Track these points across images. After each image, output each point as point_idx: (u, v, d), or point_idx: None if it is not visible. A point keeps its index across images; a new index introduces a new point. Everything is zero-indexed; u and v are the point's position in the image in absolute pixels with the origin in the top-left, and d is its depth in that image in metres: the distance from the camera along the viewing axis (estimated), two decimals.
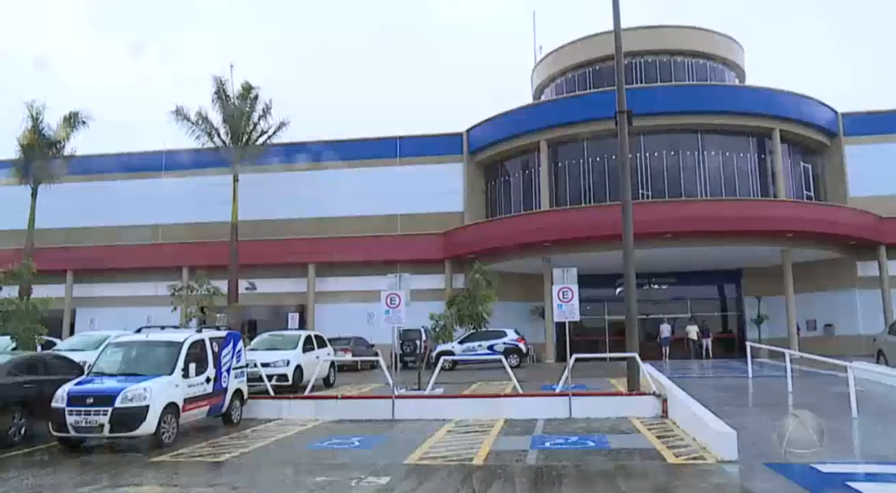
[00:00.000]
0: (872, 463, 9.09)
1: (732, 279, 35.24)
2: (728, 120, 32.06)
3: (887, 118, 34.42)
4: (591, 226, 28.69)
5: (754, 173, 33.23)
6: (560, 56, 39.67)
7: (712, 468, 8.72)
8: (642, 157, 32.44)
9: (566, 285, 15.20)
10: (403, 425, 13.15)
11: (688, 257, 31.08)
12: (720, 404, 14.04)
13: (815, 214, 30.79)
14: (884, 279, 31.89)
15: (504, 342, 27.09)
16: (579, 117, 32.28)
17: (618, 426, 12.25)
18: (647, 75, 36.73)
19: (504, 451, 10.23)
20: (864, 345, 26.32)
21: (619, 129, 16.00)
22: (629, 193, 16.03)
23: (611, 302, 32.73)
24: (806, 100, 33.41)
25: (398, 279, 17.04)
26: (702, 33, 37.96)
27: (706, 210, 29.61)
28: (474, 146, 36.86)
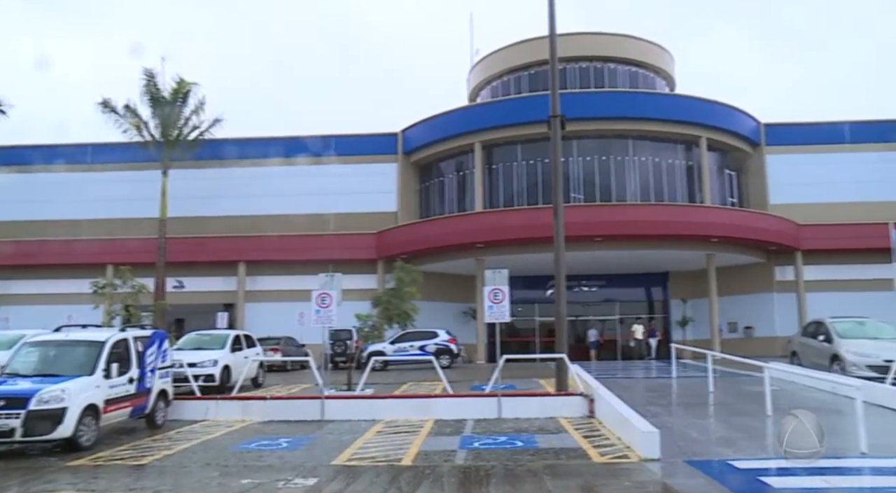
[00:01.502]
0: (784, 458, 9.47)
1: (659, 282, 36.19)
2: (658, 127, 32.88)
3: (805, 130, 35.91)
4: (524, 228, 29.05)
5: (682, 179, 34.19)
6: (496, 59, 40.02)
7: (635, 467, 8.93)
8: (575, 161, 33.02)
9: (497, 286, 15.35)
10: (333, 425, 13.04)
11: (617, 260, 31.78)
12: (645, 403, 14.41)
13: (739, 220, 31.85)
14: (799, 284, 33.28)
15: (435, 343, 27.16)
16: (514, 120, 32.63)
17: (546, 426, 12.41)
18: (582, 81, 37.37)
19: (433, 451, 10.26)
20: (781, 346, 27.36)
21: (552, 133, 16.23)
22: (561, 196, 16.27)
23: (542, 304, 33.21)
24: (731, 110, 34.55)
25: (330, 279, 16.92)
26: (635, 42, 38.84)
27: (636, 214, 30.34)
28: (409, 147, 36.88)
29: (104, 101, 30.40)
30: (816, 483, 7.86)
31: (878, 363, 16.42)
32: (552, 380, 16.37)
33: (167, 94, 30.83)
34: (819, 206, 34.09)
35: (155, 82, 30.66)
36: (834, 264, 33.25)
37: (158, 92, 30.69)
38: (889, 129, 35.55)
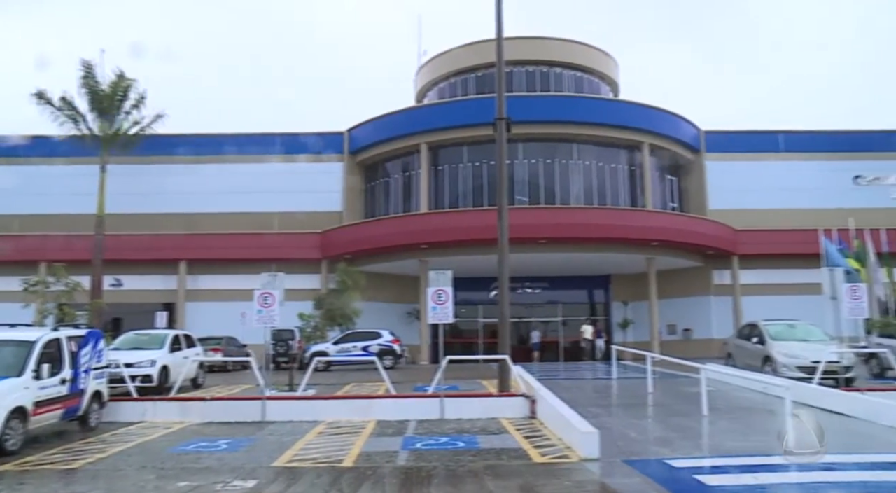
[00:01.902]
0: (717, 457, 9.74)
1: (602, 285, 36.75)
2: (602, 132, 33.39)
3: (742, 138, 36.92)
4: (469, 229, 29.17)
5: (625, 184, 34.78)
6: (443, 61, 40.10)
7: (575, 466, 9.04)
8: (520, 163, 33.31)
9: (441, 287, 15.39)
10: (274, 427, 12.88)
11: (561, 263, 32.15)
12: (586, 404, 14.60)
13: (679, 224, 32.55)
14: (735, 287, 34.20)
15: (379, 344, 27.06)
16: (460, 122, 32.74)
17: (488, 427, 12.48)
18: (528, 84, 37.71)
19: (375, 452, 10.22)
20: (717, 348, 28.05)
21: (497, 135, 16.34)
22: (505, 198, 16.39)
23: (485, 305, 33.40)
24: (673, 117, 35.30)
25: (272, 278, 16.72)
26: (581, 47, 39.36)
27: (579, 217, 30.74)
28: (355, 146, 36.70)
29: (39, 92, 29.39)
30: (747, 480, 8.08)
31: (807, 364, 17.01)
32: (495, 381, 16.47)
33: (106, 87, 30.00)
34: (755, 212, 35.07)
35: (93, 75, 29.79)
36: (768, 269, 34.24)
37: (97, 85, 29.82)
38: (820, 139, 36.81)
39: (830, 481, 8.20)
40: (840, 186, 35.90)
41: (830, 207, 33.72)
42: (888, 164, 36.41)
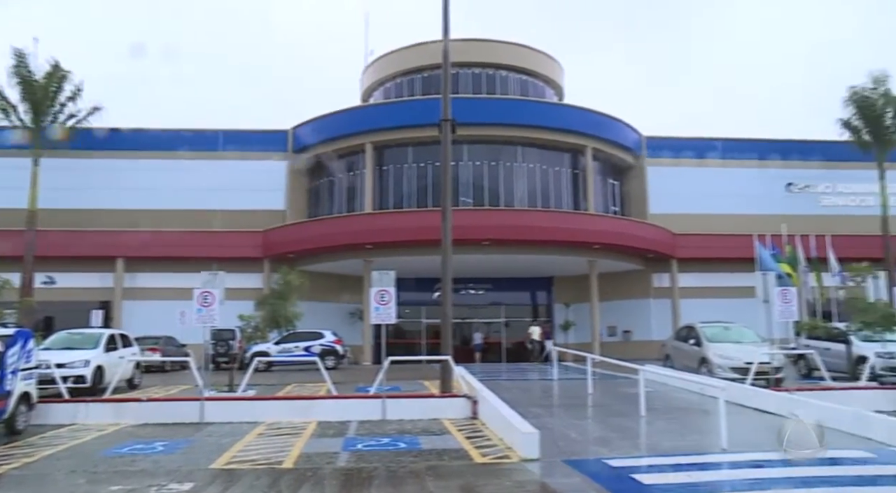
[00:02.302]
0: (654, 456, 9.94)
1: (544, 287, 37.15)
2: (546, 135, 33.73)
3: (682, 143, 37.72)
4: (413, 230, 29.16)
5: (568, 187, 35.22)
6: (390, 61, 39.99)
7: (515, 467, 9.11)
8: (465, 165, 33.45)
9: (384, 287, 15.34)
10: (212, 428, 12.65)
11: (504, 264, 32.38)
12: (527, 405, 14.72)
13: (620, 228, 33.12)
14: (674, 290, 34.97)
15: (321, 344, 26.85)
16: (405, 122, 32.69)
17: (430, 428, 12.48)
18: (474, 86, 37.88)
19: (315, 453, 10.12)
20: (656, 349, 28.59)
21: (442, 136, 16.37)
22: (449, 199, 16.43)
23: (429, 305, 33.41)
24: (616, 122, 35.89)
25: (213, 277, 16.43)
26: (527, 51, 39.72)
27: (523, 219, 31.01)
28: (299, 145, 36.31)
29: None
30: (681, 479, 8.26)
31: (740, 366, 17.50)
32: (437, 382, 16.49)
33: (40, 77, 29.04)
34: (693, 216, 35.91)
35: (26, 64, 28.80)
36: (705, 272, 35.10)
37: (30, 75, 28.85)
38: (755, 147, 37.89)
39: (759, 477, 8.45)
40: (774, 193, 37.04)
41: (764, 213, 34.76)
42: (818, 172, 37.71)
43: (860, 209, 36.69)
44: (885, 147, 32.37)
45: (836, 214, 36.90)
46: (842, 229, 33.49)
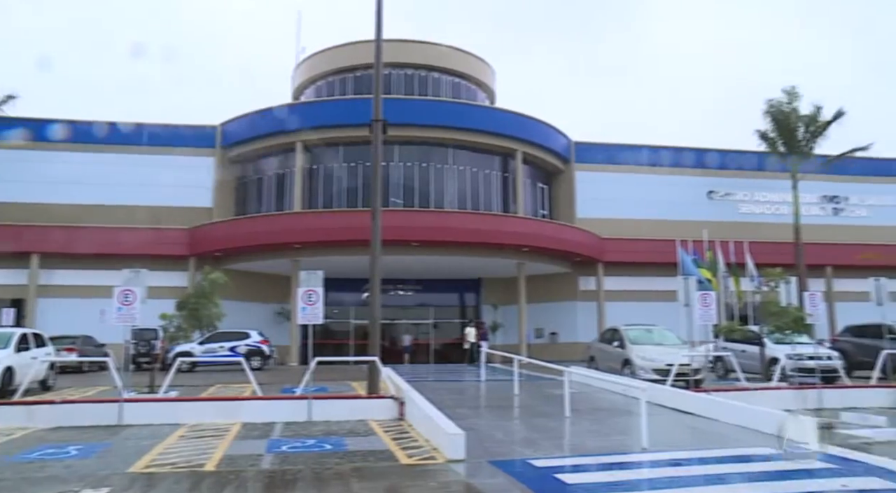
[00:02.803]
0: (577, 456, 10.12)
1: (473, 288, 37.40)
2: (478, 138, 33.99)
3: (610, 150, 38.60)
4: (342, 230, 28.97)
5: (498, 190, 35.56)
6: (322, 59, 39.62)
7: (441, 468, 9.14)
8: (396, 166, 33.41)
9: (311, 287, 15.16)
10: (131, 430, 12.26)
11: (433, 265, 32.47)
12: (454, 406, 14.78)
13: (548, 231, 33.60)
14: (600, 293, 35.69)
15: (247, 344, 26.39)
16: (337, 122, 32.44)
17: (356, 429, 12.41)
18: (406, 87, 37.87)
19: (239, 455, 9.93)
20: (582, 351, 29.13)
21: (373, 136, 16.32)
22: (379, 200, 16.38)
23: (357, 306, 33.23)
24: (546, 126, 36.42)
25: (135, 275, 15.95)
26: (460, 54, 39.94)
27: (453, 221, 31.15)
28: (228, 141, 35.60)
29: None
30: (604, 478, 8.43)
31: (662, 367, 18.00)
32: (365, 383, 16.40)
33: None
34: (620, 221, 36.73)
35: None
36: (630, 276, 35.96)
37: None
38: (680, 155, 39.02)
39: (678, 475, 8.70)
40: (696, 200, 38.23)
41: (687, 219, 35.78)
42: (738, 181, 39.10)
43: (775, 217, 38.20)
44: (799, 159, 33.83)
45: (754, 221, 38.33)
46: (758, 236, 34.79)
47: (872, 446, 10.77)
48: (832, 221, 39.76)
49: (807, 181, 35.16)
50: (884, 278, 18.71)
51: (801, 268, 31.75)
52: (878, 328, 19.64)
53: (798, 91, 33.71)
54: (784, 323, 18.78)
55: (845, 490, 7.91)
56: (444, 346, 36.43)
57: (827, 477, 8.60)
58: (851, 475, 8.62)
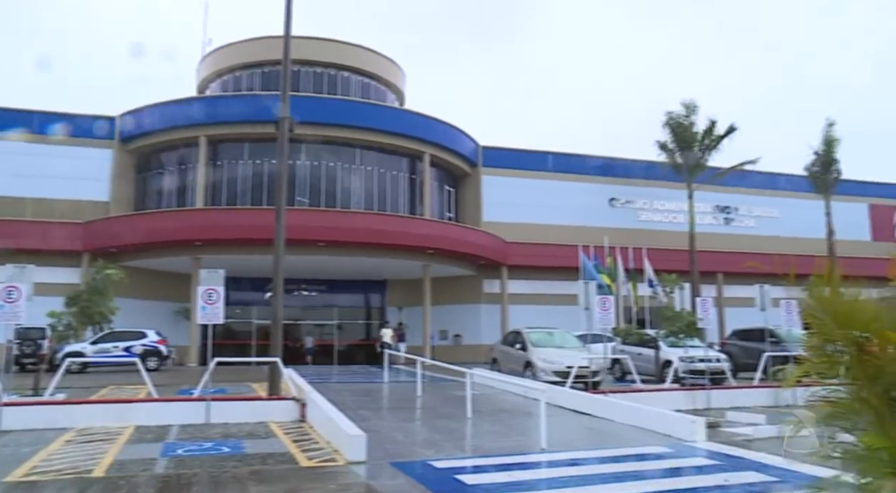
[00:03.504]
0: (478, 457, 10.27)
1: (378, 290, 37.30)
2: (386, 139, 33.92)
3: (516, 155, 39.24)
4: (245, 228, 28.37)
5: (405, 192, 35.59)
6: (230, 53, 38.69)
7: (341, 470, 9.09)
8: (303, 164, 32.99)
9: (212, 286, 14.78)
10: (12, 436, 11.61)
11: (339, 266, 32.19)
12: (356, 408, 14.73)
13: (454, 234, 33.84)
14: (504, 296, 36.23)
15: (143, 344, 25.46)
16: (243, 117, 31.75)
17: (255, 431, 12.20)
18: (315, 85, 37.43)
19: (130, 460, 9.57)
20: (485, 353, 29.51)
21: (279, 134, 16.08)
22: (284, 198, 16.16)
23: (260, 306, 32.58)
24: (454, 130, 36.68)
25: (20, 270, 15.13)
26: (370, 54, 39.77)
27: (359, 222, 30.98)
28: (128, 133, 34.18)
29: None
30: (503, 478, 8.59)
31: (562, 369, 18.45)
32: (266, 384, 16.11)
33: None
34: (524, 226, 37.38)
35: None
36: (534, 280, 36.66)
37: None
38: (583, 162, 40.07)
39: (575, 475, 8.96)
40: (598, 207, 39.35)
41: (590, 226, 36.81)
42: (638, 189, 40.50)
43: (672, 225, 39.74)
44: (694, 170, 35.35)
45: (652, 228, 39.77)
46: (656, 243, 36.12)
47: (753, 442, 11.38)
48: (723, 231, 41.72)
49: (701, 192, 36.75)
50: (767, 285, 19.72)
51: (694, 274, 33.14)
52: (761, 332, 20.73)
53: (696, 105, 35.27)
54: (677, 327, 19.56)
55: (727, 485, 8.34)
56: (349, 347, 36.18)
57: (712, 473, 9.05)
58: (733, 470, 9.09)
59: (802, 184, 40.15)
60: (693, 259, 34.28)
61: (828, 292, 3.42)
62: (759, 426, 13.04)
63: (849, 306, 3.35)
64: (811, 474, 6.61)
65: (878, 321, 3.25)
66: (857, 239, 41.79)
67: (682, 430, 11.57)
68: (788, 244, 38.20)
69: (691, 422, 11.60)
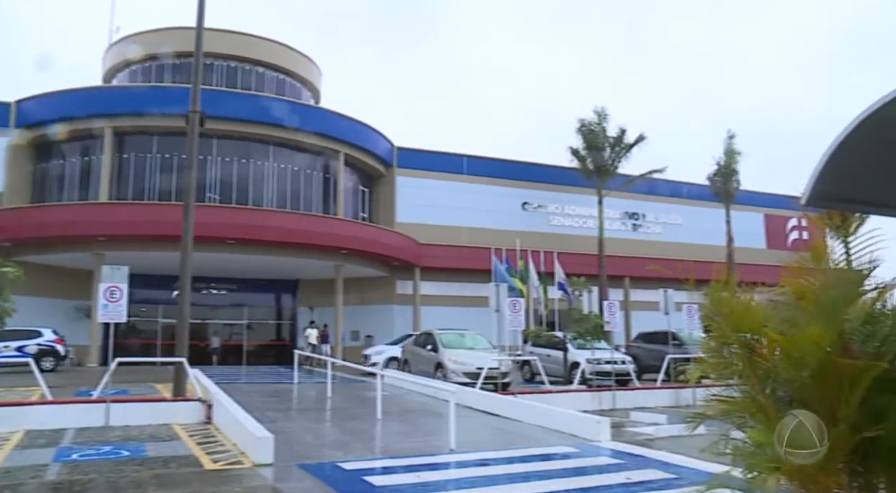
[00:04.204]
0: (387, 458, 10.27)
1: (290, 289, 36.76)
2: (300, 137, 33.40)
3: (431, 157, 39.34)
4: (152, 224, 27.43)
5: (319, 190, 35.18)
6: (139, 42, 37.31)
7: (248, 472, 8.92)
8: (214, 160, 32.16)
9: (115, 283, 14.26)
10: None
11: (250, 265, 31.53)
12: (266, 409, 14.49)
13: (368, 234, 33.66)
14: (416, 297, 36.28)
15: (38, 343, 24.30)
16: (151, 110, 30.58)
17: (158, 434, 11.83)
18: (228, 79, 36.57)
19: (18, 467, 9.08)
20: None
21: (189, 128, 15.67)
22: (193, 194, 15.77)
23: (167, 304, 31.53)
24: (369, 130, 36.48)
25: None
26: (287, 50, 39.13)
27: (271, 220, 30.42)
28: (25, 121, 32.43)
29: None
30: (412, 479, 8.60)
31: (472, 371, 18.63)
32: (171, 385, 15.64)
33: None
34: (438, 227, 37.53)
35: None
36: (446, 281, 36.85)
37: None
38: (497, 166, 40.51)
39: (484, 475, 9.05)
40: (512, 210, 39.88)
41: (503, 229, 37.30)
42: (550, 194, 41.27)
43: (582, 230, 40.69)
44: (604, 177, 36.32)
45: (563, 233, 40.59)
46: (567, 247, 36.89)
47: (654, 441, 11.80)
48: (631, 236, 43.00)
49: (611, 198, 37.78)
50: (671, 289, 20.46)
51: (603, 278, 34.05)
52: (664, 335, 21.51)
53: (608, 112, 36.25)
54: (585, 330, 20.07)
55: (629, 482, 8.61)
56: (259, 347, 35.51)
57: (615, 471, 9.31)
58: (635, 468, 9.40)
59: (705, 193, 41.88)
60: (602, 263, 35.21)
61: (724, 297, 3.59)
62: (661, 425, 13.53)
63: (742, 310, 3.53)
64: (709, 470, 6.89)
65: (767, 324, 3.43)
66: (753, 247, 43.78)
67: (588, 430, 11.87)
68: (692, 250, 39.69)
69: (597, 422, 11.91)
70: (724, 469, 3.78)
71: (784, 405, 3.43)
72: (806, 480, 3.27)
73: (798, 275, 3.58)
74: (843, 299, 3.29)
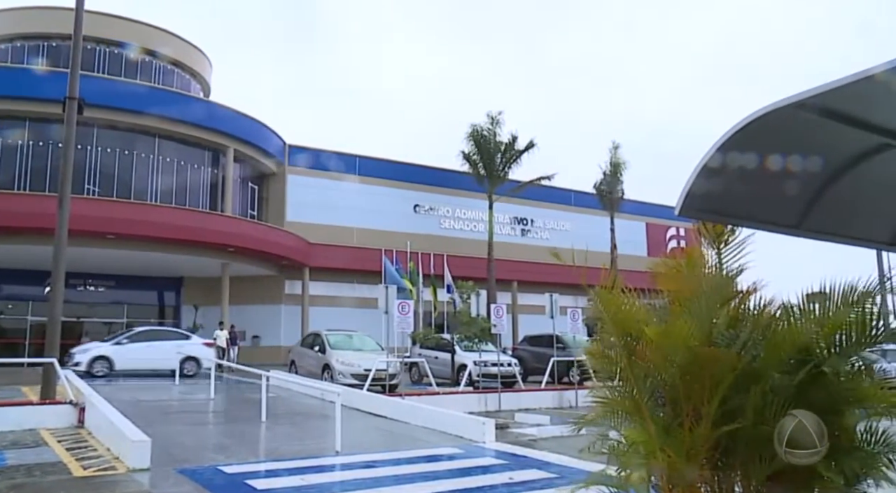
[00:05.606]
0: (271, 461, 10.07)
1: (173, 287, 35.44)
2: (188, 130, 32.30)
3: (324, 156, 38.83)
4: (22, 215, 25.70)
5: (206, 186, 34.13)
6: (11, 19, 35.10)
7: (122, 478, 8.54)
8: (94, 150, 30.65)
9: None
10: None
11: (130, 261, 30.16)
12: (144, 411, 13.90)
13: (257, 233, 32.87)
14: (305, 297, 35.74)
15: None
16: (24, 93, 28.84)
17: (22, 440, 11.14)
18: (112, 66, 34.91)
19: None
20: (285, 355, 28.97)
21: (66, 115, 14.87)
22: (69, 185, 14.95)
23: (38, 302, 29.74)
24: (261, 126, 35.65)
25: None
26: (176, 40, 37.75)
27: (155, 215, 29.21)
28: None
29: None
30: (295, 482, 8.47)
31: (360, 372, 18.56)
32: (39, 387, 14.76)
33: None
34: (329, 227, 37.13)
35: None
36: (336, 282, 36.49)
37: None
38: (389, 167, 40.46)
39: (369, 477, 9.02)
40: (403, 212, 39.94)
41: (394, 230, 37.30)
42: (441, 197, 41.61)
43: (473, 233, 41.27)
44: (495, 182, 36.92)
45: (454, 236, 41.02)
46: (457, 250, 37.31)
47: (537, 442, 12.11)
48: (520, 241, 43.91)
49: (501, 203, 38.44)
50: (557, 294, 21.04)
51: (491, 282, 34.59)
52: (550, 338, 22.07)
53: (501, 118, 36.80)
54: (473, 332, 20.35)
55: (512, 482, 8.79)
56: None
57: (498, 472, 9.49)
58: (518, 468, 9.60)
59: (592, 201, 43.32)
60: (490, 267, 35.77)
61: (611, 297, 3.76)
62: (544, 426, 13.88)
63: (626, 310, 3.71)
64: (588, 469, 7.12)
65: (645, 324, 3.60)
66: (635, 254, 45.62)
67: (474, 431, 12.03)
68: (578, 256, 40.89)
69: (482, 424, 12.09)
70: (600, 468, 3.93)
71: (658, 406, 3.61)
72: (673, 476, 3.45)
73: (674, 280, 3.79)
74: (711, 301, 3.49)
